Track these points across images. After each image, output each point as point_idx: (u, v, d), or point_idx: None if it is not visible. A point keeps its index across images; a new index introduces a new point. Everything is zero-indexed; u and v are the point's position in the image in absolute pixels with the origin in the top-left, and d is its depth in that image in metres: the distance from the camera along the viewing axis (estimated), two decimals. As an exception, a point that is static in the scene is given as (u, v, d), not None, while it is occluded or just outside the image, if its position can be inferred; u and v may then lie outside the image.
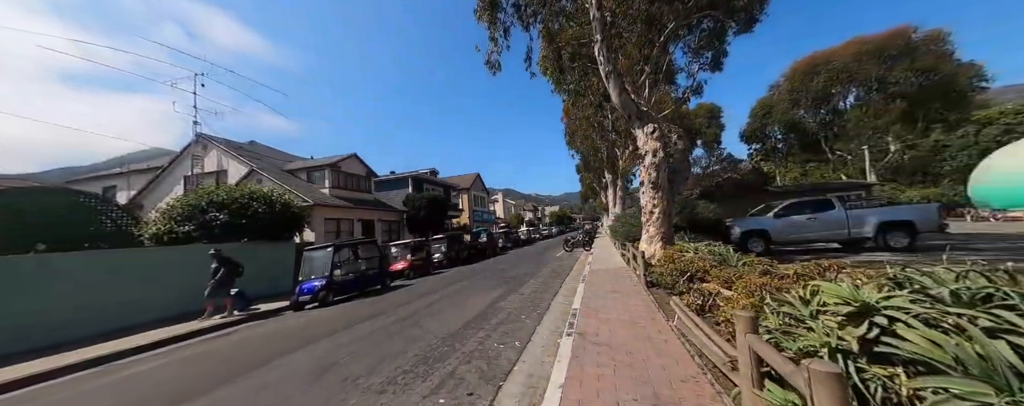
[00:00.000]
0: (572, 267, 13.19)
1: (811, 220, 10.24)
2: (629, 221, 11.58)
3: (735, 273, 5.17)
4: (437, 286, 11.14)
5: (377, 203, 20.34)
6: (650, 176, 8.85)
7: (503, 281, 10.69)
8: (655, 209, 8.76)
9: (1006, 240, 10.47)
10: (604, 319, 5.10)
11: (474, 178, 38.52)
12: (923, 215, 9.22)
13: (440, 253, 18.46)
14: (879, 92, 24.28)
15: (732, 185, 17.82)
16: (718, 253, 6.72)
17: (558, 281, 9.87)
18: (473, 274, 13.52)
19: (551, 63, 14.66)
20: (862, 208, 10.19)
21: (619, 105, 9.51)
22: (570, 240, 22.07)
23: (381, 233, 19.27)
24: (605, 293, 6.89)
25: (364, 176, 19.65)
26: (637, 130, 9.40)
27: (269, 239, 11.53)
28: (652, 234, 8.71)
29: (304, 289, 9.22)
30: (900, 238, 9.28)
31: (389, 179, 25.12)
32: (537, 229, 48.71)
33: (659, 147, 8.86)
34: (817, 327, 2.05)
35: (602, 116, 26.41)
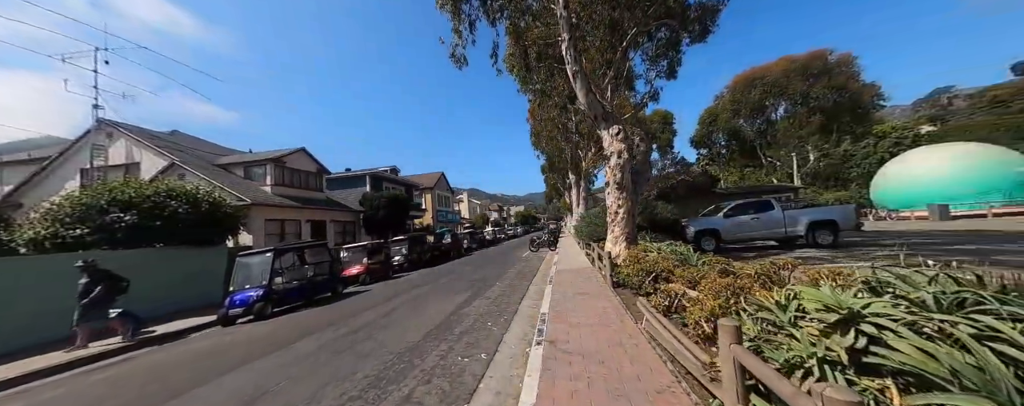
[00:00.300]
0: (538, 268, 13.09)
1: (754, 220, 11.15)
2: (593, 221, 11.74)
3: (698, 273, 5.27)
4: (397, 291, 10.38)
5: (330, 202, 18.69)
6: (615, 177, 8.95)
7: (468, 284, 10.24)
8: (620, 209, 8.88)
9: (903, 236, 12.24)
10: (574, 323, 4.92)
11: (438, 177, 37.28)
12: (844, 215, 10.45)
13: (401, 255, 17.44)
14: (803, 106, 27.52)
15: (685, 187, 19.01)
16: (680, 253, 6.92)
17: (525, 283, 9.66)
18: (436, 277, 12.87)
19: (517, 61, 14.45)
20: (794, 209, 11.31)
21: (585, 105, 9.53)
22: (536, 240, 22.11)
23: (334, 235, 17.72)
24: (573, 295, 6.78)
25: (314, 173, 17.91)
26: (603, 131, 9.48)
27: (194, 243, 9.93)
28: (617, 234, 8.83)
29: (236, 301, 8.01)
30: (826, 236, 10.43)
31: (344, 177, 23.27)
32: (503, 229, 48.60)
33: (624, 148, 9.00)
34: (801, 336, 1.93)
35: (566, 118, 26.89)
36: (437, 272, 14.82)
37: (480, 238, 32.44)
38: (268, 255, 8.71)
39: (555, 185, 44.08)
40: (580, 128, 27.30)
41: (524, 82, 16.85)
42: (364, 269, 13.52)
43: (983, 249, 8.30)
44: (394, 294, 9.89)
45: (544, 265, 13.87)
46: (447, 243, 23.79)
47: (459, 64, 11.99)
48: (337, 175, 23.52)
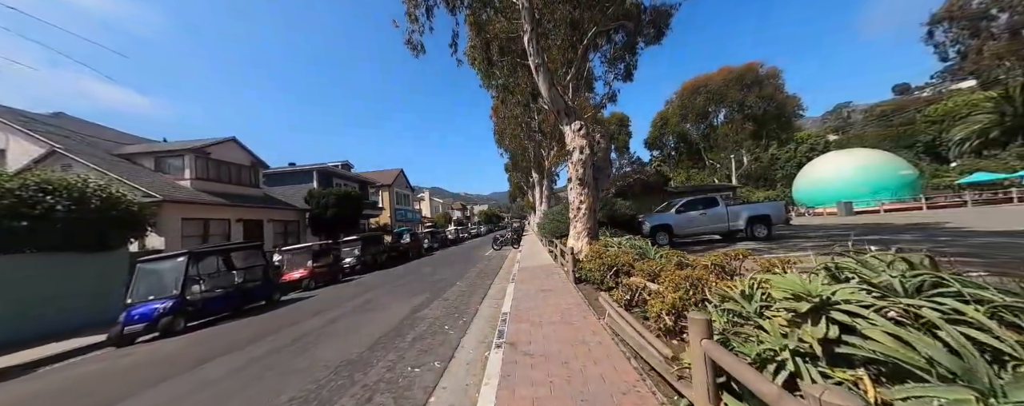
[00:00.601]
0: (501, 266, 12.82)
1: (702, 215, 11.92)
2: (556, 218, 11.75)
3: (656, 266, 5.32)
4: (345, 296, 9.45)
5: (268, 200, 16.71)
6: (577, 172, 8.94)
7: (426, 286, 9.63)
8: (582, 205, 8.88)
9: (823, 229, 13.93)
10: (536, 322, 4.68)
11: (396, 174, 35.41)
12: (776, 211, 11.59)
13: (353, 257, 16.12)
14: (739, 113, 30.43)
15: (640, 185, 19.94)
16: (638, 247, 7.03)
17: (487, 282, 9.31)
18: (392, 280, 12.01)
19: (479, 54, 14.00)
20: (735, 205, 12.31)
21: (548, 100, 9.40)
22: (499, 238, 21.84)
23: (274, 236, 15.85)
24: (535, 292, 6.57)
25: (248, 166, 15.84)
26: (565, 127, 9.43)
27: (84, 248, 8.13)
28: (579, 230, 8.82)
29: (134, 315, 6.65)
30: (761, 229, 11.47)
31: (287, 172, 20.99)
32: (466, 228, 47.70)
33: (586, 144, 9.01)
34: (771, 328, 1.80)
35: (529, 116, 26.95)
36: (393, 274, 13.89)
37: (442, 237, 31.43)
38: (181, 260, 7.37)
39: (519, 184, 44.24)
40: (543, 127, 27.53)
41: (486, 77, 16.41)
42: (308, 273, 12.22)
43: (887, 238, 9.60)
44: (341, 299, 8.97)
45: (507, 263, 13.63)
46: (406, 243, 22.61)
47: (416, 51, 11.27)
48: (278, 170, 21.18)
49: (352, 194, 18.78)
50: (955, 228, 10.65)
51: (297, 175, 20.61)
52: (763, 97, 28.67)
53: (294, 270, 12.38)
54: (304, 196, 18.11)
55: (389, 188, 32.47)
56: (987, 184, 24.58)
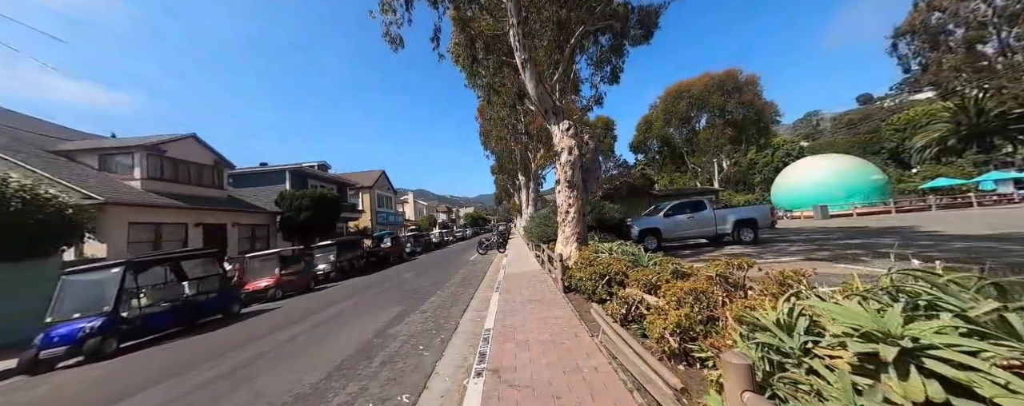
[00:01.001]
0: (486, 272, 12.23)
1: (690, 219, 11.77)
2: (543, 222, 11.31)
3: (652, 275, 4.91)
4: (314, 307, 8.62)
5: (233, 202, 15.49)
6: (566, 174, 8.51)
7: (404, 295, 8.93)
8: (570, 208, 8.46)
9: (804, 232, 14.10)
10: (522, 341, 4.16)
11: (378, 175, 34.18)
12: (762, 215, 11.57)
13: (327, 263, 15.14)
14: (720, 118, 31.10)
15: (626, 188, 19.84)
16: (630, 253, 6.64)
17: (470, 291, 8.70)
18: (368, 288, 11.20)
19: (463, 51, 13.46)
20: (722, 209, 12.24)
21: (535, 97, 8.96)
22: (484, 242, 21.22)
23: (239, 241, 14.65)
24: (522, 304, 6.05)
25: (210, 166, 14.59)
26: (553, 126, 9.01)
27: (2, 257, 7.01)
28: (568, 234, 8.38)
29: (53, 337, 5.68)
30: (748, 233, 11.41)
31: (257, 172, 19.66)
32: (451, 231, 46.73)
33: (574, 144, 8.61)
34: (837, 379, 1.33)
35: (516, 118, 26.59)
36: (370, 281, 13.05)
37: (426, 241, 30.49)
38: (116, 271, 6.42)
39: (505, 186, 43.78)
40: (529, 128, 27.21)
41: (471, 76, 15.90)
42: (276, 281, 11.23)
43: (869, 242, 9.64)
44: (309, 311, 8.15)
45: (492, 269, 13.06)
46: (386, 247, 21.64)
47: (394, 45, 10.63)
48: (248, 170, 19.83)
49: (328, 196, 17.73)
50: (929, 232, 10.89)
51: (268, 176, 19.33)
52: (743, 103, 29.42)
53: (259, 279, 11.36)
54: (275, 198, 16.94)
55: (370, 190, 31.24)
56: (947, 189, 25.97)
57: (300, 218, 16.53)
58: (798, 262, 7.50)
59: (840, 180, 24.31)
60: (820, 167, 26.20)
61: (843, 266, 6.69)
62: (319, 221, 17.13)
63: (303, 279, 12.72)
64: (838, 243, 9.81)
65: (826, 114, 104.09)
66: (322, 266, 14.92)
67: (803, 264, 7.32)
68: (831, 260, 7.34)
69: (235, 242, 14.31)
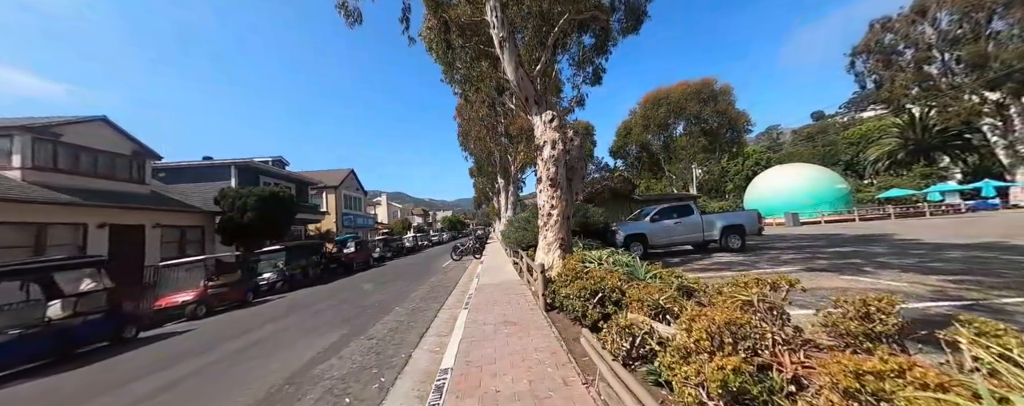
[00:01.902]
0: (458, 281, 10.87)
1: (677, 224, 11.08)
2: (522, 226, 10.17)
3: (654, 292, 3.86)
4: (234, 330, 6.92)
5: (158, 199, 13.14)
6: (548, 172, 7.43)
7: (355, 312, 7.42)
8: (553, 211, 7.36)
9: (785, 240, 13.85)
10: (490, 391, 2.94)
11: (346, 175, 31.74)
12: (750, 220, 11.09)
13: (274, 271, 13.13)
14: (696, 125, 31.65)
15: (608, 192, 19.19)
16: (623, 263, 5.61)
17: (434, 307, 7.34)
18: (316, 301, 9.51)
19: (437, 36, 12.19)
20: (709, 214, 11.67)
21: (515, 82, 7.85)
22: (459, 247, 19.78)
23: (162, 246, 12.32)
24: (494, 327, 4.82)
25: (128, 156, 12.20)
26: (534, 117, 7.92)
27: None
28: (550, 241, 7.26)
29: None
30: (735, 240, 10.87)
31: (196, 167, 17.12)
32: (426, 235, 44.59)
33: (558, 138, 7.55)
34: None
35: (495, 119, 25.62)
36: (323, 293, 11.28)
37: (397, 246, 28.49)
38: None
39: (484, 190, 42.46)
40: (509, 129, 26.24)
41: (447, 66, 14.65)
42: (199, 295, 9.27)
43: (861, 250, 9.25)
44: (227, 335, 6.46)
45: (465, 277, 11.72)
46: (349, 253, 19.63)
47: (350, 19, 9.22)
48: (185, 164, 17.27)
49: (280, 194, 15.63)
50: (910, 240, 10.80)
51: (210, 171, 16.89)
52: (717, 111, 30.06)
53: (178, 292, 9.33)
54: (215, 196, 14.66)
55: (335, 190, 28.82)
56: (900, 199, 27.60)
57: (243, 219, 14.35)
58: (799, 273, 6.80)
59: (808, 189, 25.11)
60: (789, 176, 27.05)
61: (850, 278, 6.01)
62: (268, 223, 14.98)
63: (238, 291, 10.75)
64: (830, 252, 9.38)
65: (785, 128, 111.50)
66: (267, 275, 12.92)
67: (805, 275, 6.73)
68: (832, 271, 6.69)
69: (156, 247, 11.99)
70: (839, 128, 55.75)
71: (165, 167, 16.96)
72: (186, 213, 13.50)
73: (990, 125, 25.60)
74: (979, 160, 29.84)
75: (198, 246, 14.06)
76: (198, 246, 14.06)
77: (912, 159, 33.13)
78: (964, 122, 26.67)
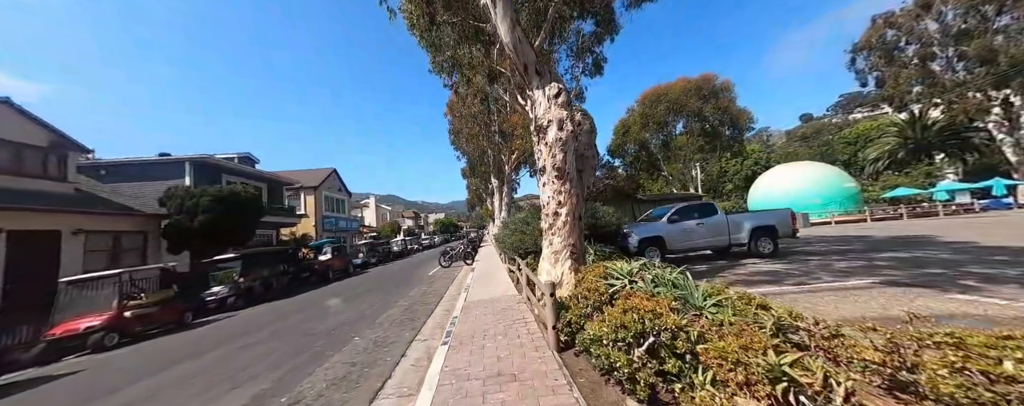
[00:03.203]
0: (443, 295, 9.09)
1: (700, 226, 9.52)
2: (519, 228, 8.49)
3: (732, 336, 2.22)
4: (122, 378, 5.02)
5: (85, 200, 11.07)
6: (554, 159, 5.76)
7: (298, 345, 5.59)
8: (561, 209, 5.68)
9: (813, 242, 12.39)
10: None
11: (327, 174, 29.62)
12: (782, 220, 9.60)
13: (228, 284, 11.15)
14: (697, 123, 30.48)
15: (610, 191, 17.67)
16: (667, 280, 3.93)
17: (406, 336, 5.56)
18: (264, 324, 7.62)
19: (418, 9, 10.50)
20: (735, 214, 10.15)
21: (510, 46, 6.17)
22: (448, 253, 17.97)
23: (86, 256, 10.24)
24: (483, 385, 3.11)
25: (44, 148, 10.12)
26: (535, 91, 6.26)
27: None
28: (557, 248, 5.57)
29: None
30: (766, 244, 9.36)
31: (144, 164, 14.98)
32: (417, 238, 42.44)
33: (566, 117, 5.90)
34: None
35: (489, 116, 24.09)
36: (278, 311, 9.38)
37: (384, 250, 26.46)
38: None
39: (477, 191, 40.74)
40: (503, 127, 24.72)
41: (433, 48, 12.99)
42: (110, 319, 7.29)
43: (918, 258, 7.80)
44: (105, 387, 4.57)
45: (453, 288, 9.94)
46: (325, 260, 17.63)
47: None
48: (131, 161, 15.12)
49: (240, 194, 13.62)
50: (963, 243, 9.42)
51: (162, 169, 14.77)
52: (718, 108, 28.95)
53: (84, 316, 7.33)
54: (160, 197, 12.60)
55: (315, 191, 26.71)
56: (905, 199, 26.76)
57: (194, 224, 12.30)
58: (880, 288, 5.25)
59: (816, 188, 24.01)
60: (794, 175, 25.97)
61: (969, 298, 4.44)
62: (225, 227, 12.96)
63: (172, 311, 8.78)
64: (884, 258, 7.91)
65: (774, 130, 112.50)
66: (218, 289, 10.93)
67: (895, 292, 4.68)
68: (923, 285, 5.16)
69: (77, 258, 9.91)
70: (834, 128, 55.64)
71: (107, 164, 14.80)
72: (121, 216, 11.41)
73: (996, 122, 24.96)
74: (979, 158, 29.32)
75: (138, 255, 11.97)
76: (138, 255, 11.97)
77: (912, 157, 32.57)
78: (970, 119, 26.01)
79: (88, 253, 10.28)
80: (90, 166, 14.42)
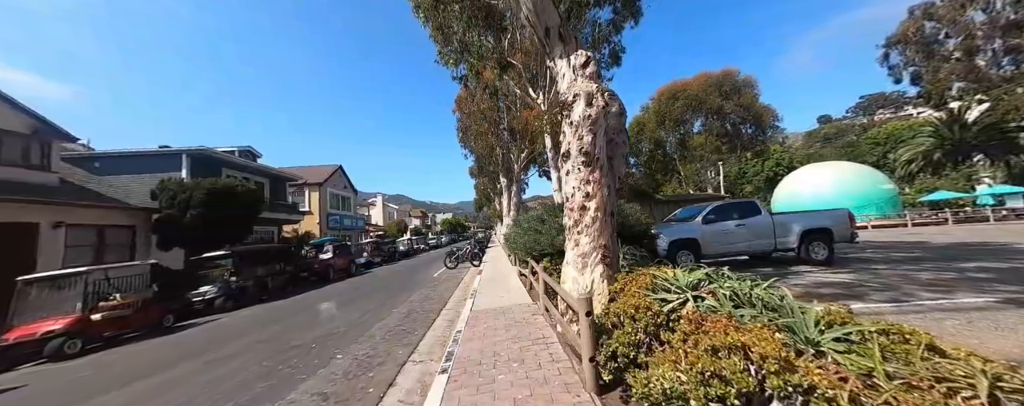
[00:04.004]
0: (447, 301, 8.09)
1: (740, 227, 8.32)
2: (534, 227, 7.42)
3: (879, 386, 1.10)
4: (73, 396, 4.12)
5: (69, 191, 10.43)
6: (581, 141, 4.70)
7: (270, 365, 4.64)
8: (589, 202, 4.60)
9: (871, 248, 10.94)
10: None
11: (333, 171, 29.07)
12: (839, 221, 8.32)
13: (217, 284, 10.37)
14: (717, 120, 28.98)
15: (629, 191, 16.47)
16: (756, 298, 2.81)
17: (399, 354, 4.55)
18: (245, 332, 6.74)
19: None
20: (782, 214, 8.89)
21: (529, 5, 5.13)
22: (454, 253, 17.04)
23: (67, 251, 9.55)
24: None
25: (25, 136, 9.44)
26: (558, 61, 5.22)
27: None
28: (585, 250, 4.49)
29: None
30: (820, 249, 8.10)
31: (139, 156, 14.40)
32: (423, 238, 41.74)
33: (595, 91, 4.83)
34: None
35: (498, 114, 23.34)
36: (268, 315, 8.51)
37: (390, 250, 25.74)
38: None
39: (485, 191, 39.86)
40: (512, 124, 23.85)
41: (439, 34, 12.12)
42: (72, 323, 6.48)
43: (1017, 270, 6.46)
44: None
45: (458, 292, 8.95)
46: (325, 259, 16.85)
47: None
48: (124, 152, 14.58)
49: (236, 189, 12.90)
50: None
51: (159, 161, 14.18)
52: (741, 105, 27.42)
53: (46, 319, 6.53)
54: (152, 190, 11.94)
55: (320, 187, 26.11)
56: (944, 203, 24.79)
57: (187, 218, 11.59)
58: (1004, 308, 4.03)
59: (849, 190, 22.30)
60: (824, 176, 24.26)
61: None
62: (219, 223, 12.22)
63: (151, 313, 7.97)
64: (969, 268, 6.61)
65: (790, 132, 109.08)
66: (206, 289, 10.14)
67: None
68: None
69: (58, 253, 9.22)
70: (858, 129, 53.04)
71: (102, 156, 14.29)
72: (108, 209, 10.75)
73: (1052, 120, 22.84)
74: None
75: (126, 251, 11.30)
76: (126, 251, 11.30)
77: (949, 159, 30.37)
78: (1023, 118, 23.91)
79: (70, 248, 9.60)
80: (84, 157, 13.91)
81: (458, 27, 11.80)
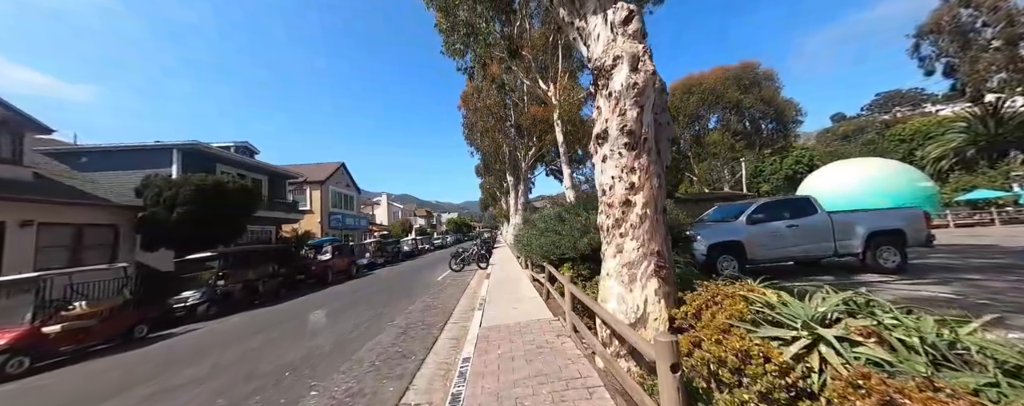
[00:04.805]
0: (453, 311, 7.07)
1: (792, 228, 7.16)
2: (552, 226, 6.33)
3: None
4: None
5: (43, 187, 9.64)
6: (624, 117, 3.62)
7: (229, 399, 3.62)
8: (634, 195, 3.52)
9: (951, 253, 9.69)
10: None
11: (335, 169, 28.31)
12: (912, 222, 7.13)
13: (202, 288, 9.49)
14: (735, 115, 27.56)
15: (646, 187, 15.21)
16: (923, 342, 1.73)
17: (390, 390, 3.51)
18: (210, 351, 5.78)
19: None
20: (842, 213, 7.69)
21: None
22: (459, 255, 16.08)
23: (41, 252, 8.75)
24: None
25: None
26: (592, 17, 4.13)
27: None
28: (632, 258, 3.40)
29: None
30: (891, 255, 6.91)
31: (127, 150, 13.64)
32: (428, 238, 40.90)
33: (642, 53, 3.73)
34: None
35: (505, 110, 22.40)
36: (253, 324, 7.58)
37: (394, 250, 24.91)
38: None
39: (491, 191, 38.88)
40: (520, 121, 22.85)
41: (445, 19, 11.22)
42: (19, 339, 5.58)
43: None
44: None
45: (464, 302, 7.92)
46: (324, 261, 15.98)
47: None
48: (112, 147, 13.83)
49: (228, 185, 12.04)
50: None
51: (148, 156, 13.41)
52: (761, 99, 25.98)
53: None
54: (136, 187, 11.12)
55: (321, 185, 25.34)
56: (984, 202, 23.07)
57: (173, 217, 10.75)
58: None
59: (883, 188, 20.68)
60: (853, 173, 22.66)
61: None
62: (207, 222, 11.37)
63: (120, 322, 7.08)
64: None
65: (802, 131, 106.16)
66: (189, 294, 9.26)
67: None
68: None
69: (28, 254, 8.42)
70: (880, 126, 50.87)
71: (89, 150, 13.57)
72: (87, 207, 9.94)
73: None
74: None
75: (107, 252, 10.50)
76: (107, 252, 10.50)
77: (982, 156, 28.51)
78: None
79: (43, 248, 8.79)
80: (70, 152, 13.21)
81: (464, 9, 10.81)
